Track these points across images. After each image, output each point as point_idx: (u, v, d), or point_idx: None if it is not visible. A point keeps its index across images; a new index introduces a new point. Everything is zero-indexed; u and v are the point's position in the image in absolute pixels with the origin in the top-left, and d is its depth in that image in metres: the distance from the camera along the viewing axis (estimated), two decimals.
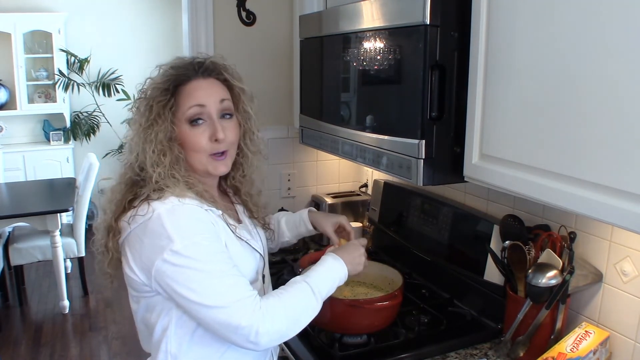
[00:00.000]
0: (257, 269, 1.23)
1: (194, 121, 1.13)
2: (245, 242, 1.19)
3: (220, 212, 1.15)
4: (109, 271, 1.16)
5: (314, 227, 1.46)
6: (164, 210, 1.05)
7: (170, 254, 1.02)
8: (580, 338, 1.24)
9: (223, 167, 1.18)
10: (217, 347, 1.13)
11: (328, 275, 1.17)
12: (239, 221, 1.26)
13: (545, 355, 1.22)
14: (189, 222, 1.06)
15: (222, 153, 1.17)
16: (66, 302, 3.76)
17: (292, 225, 1.49)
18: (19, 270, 3.95)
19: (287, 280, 1.15)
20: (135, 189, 1.12)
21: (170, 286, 1.03)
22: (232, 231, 1.15)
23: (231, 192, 1.33)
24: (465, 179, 1.24)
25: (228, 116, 1.17)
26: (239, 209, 1.31)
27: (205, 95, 1.14)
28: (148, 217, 1.04)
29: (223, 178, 1.31)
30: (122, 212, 1.11)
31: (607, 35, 0.88)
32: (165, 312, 1.10)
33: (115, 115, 5.26)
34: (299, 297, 1.10)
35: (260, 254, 1.25)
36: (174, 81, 1.13)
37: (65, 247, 3.76)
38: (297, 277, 1.15)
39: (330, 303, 1.38)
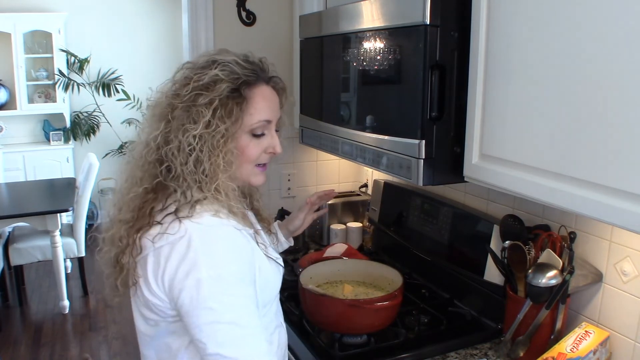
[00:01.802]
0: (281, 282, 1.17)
1: (258, 134, 1.06)
2: (275, 260, 1.12)
3: (252, 230, 1.07)
4: (120, 288, 1.04)
5: (289, 232, 1.47)
6: (196, 230, 0.95)
7: (192, 283, 0.92)
8: (580, 338, 1.24)
9: (263, 178, 1.13)
10: None
11: None
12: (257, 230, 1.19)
13: (545, 355, 1.22)
14: (220, 248, 0.96)
15: (264, 164, 1.12)
16: (66, 302, 3.76)
17: None
18: (19, 270, 3.95)
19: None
20: (160, 195, 1.02)
21: (183, 316, 0.95)
22: (263, 253, 1.06)
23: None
24: (465, 179, 1.24)
25: (277, 130, 1.12)
26: (250, 215, 1.24)
27: (272, 107, 1.08)
28: (179, 236, 0.95)
29: None
30: (144, 225, 0.99)
31: (607, 36, 0.88)
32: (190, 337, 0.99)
33: (115, 115, 5.28)
34: None
35: (284, 267, 1.18)
36: (244, 83, 1.03)
37: (65, 247, 3.76)
38: None
39: (330, 303, 1.38)
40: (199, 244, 0.94)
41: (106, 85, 5.29)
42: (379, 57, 1.35)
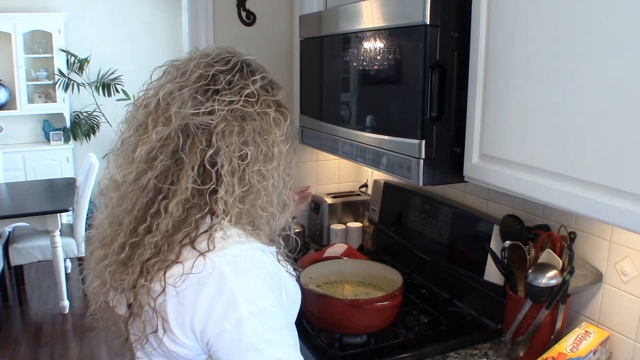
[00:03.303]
0: None
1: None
2: (293, 275, 0.99)
3: (274, 249, 0.93)
4: (145, 332, 0.87)
5: None
6: (226, 262, 0.82)
7: (233, 323, 0.80)
8: (580, 338, 1.24)
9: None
10: None
11: None
12: None
13: (545, 355, 1.22)
14: (257, 278, 0.84)
15: None
16: (66, 302, 3.76)
17: None
18: (19, 270, 3.95)
19: None
20: (183, 226, 0.85)
21: (221, 356, 0.83)
22: (286, 271, 0.94)
23: None
24: (465, 179, 1.24)
25: None
26: None
27: None
28: (206, 273, 0.81)
29: None
30: (170, 265, 0.83)
31: (607, 36, 0.88)
32: None
33: (115, 115, 5.25)
34: None
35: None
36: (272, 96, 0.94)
37: (65, 247, 3.76)
38: None
39: (330, 303, 1.38)
40: (232, 279, 0.82)
41: (106, 85, 5.29)
42: (379, 57, 1.35)
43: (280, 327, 0.86)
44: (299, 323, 1.52)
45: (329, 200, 2.27)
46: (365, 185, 2.39)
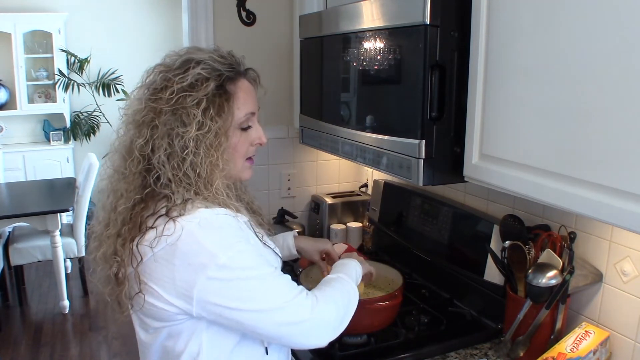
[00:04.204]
0: None
1: (246, 127, 1.07)
2: (272, 249, 1.12)
3: (247, 218, 1.07)
4: (126, 301, 1.01)
5: (299, 253, 1.42)
6: (195, 225, 0.94)
7: (216, 270, 0.93)
8: (580, 338, 1.24)
9: (252, 172, 1.15)
10: None
11: (351, 270, 1.17)
12: None
13: (545, 355, 1.22)
14: (227, 232, 0.97)
15: (251, 158, 1.13)
16: (66, 302, 3.76)
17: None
18: (19, 270, 3.95)
19: None
20: (150, 203, 1.00)
21: (218, 304, 0.95)
22: (259, 239, 1.07)
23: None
24: (465, 179, 1.24)
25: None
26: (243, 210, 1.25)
27: (254, 99, 1.09)
28: (177, 236, 0.93)
29: None
30: (139, 234, 0.97)
31: (607, 36, 0.88)
32: (195, 337, 1.01)
33: (116, 115, 5.22)
34: (341, 285, 1.10)
35: (282, 259, 1.20)
36: (226, 79, 1.03)
37: (65, 247, 3.76)
38: (329, 276, 1.14)
39: None
40: (201, 235, 0.94)
41: (106, 85, 5.30)
42: (379, 57, 1.35)
43: (258, 254, 1.00)
44: None
45: (329, 200, 2.28)
46: (365, 185, 2.39)
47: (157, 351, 1.05)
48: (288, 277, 1.04)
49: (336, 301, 1.05)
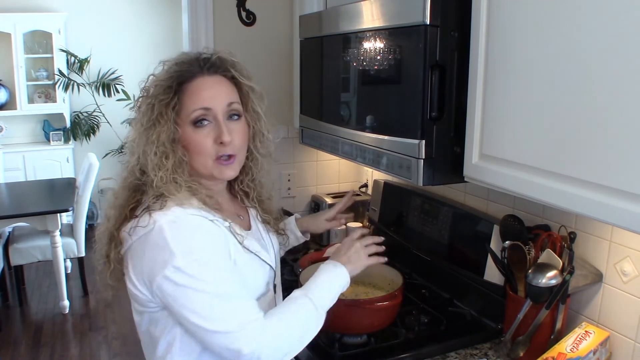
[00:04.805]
0: (267, 280, 1.17)
1: (198, 122, 1.06)
2: (255, 254, 1.12)
3: (228, 223, 1.09)
4: (111, 283, 1.10)
5: (305, 232, 1.46)
6: (166, 221, 0.98)
7: (171, 271, 0.96)
8: (580, 338, 1.24)
9: (231, 172, 1.11)
10: None
11: (329, 285, 1.12)
12: (249, 227, 1.21)
13: (545, 355, 1.22)
14: (193, 235, 1.00)
15: (229, 157, 1.09)
16: (66, 302, 3.76)
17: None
18: (19, 270, 3.95)
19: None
20: (137, 194, 1.07)
21: (170, 305, 0.99)
22: (239, 242, 1.08)
23: (241, 194, 1.26)
24: (465, 179, 1.24)
25: (236, 117, 1.10)
26: (252, 212, 1.25)
27: (212, 95, 1.07)
28: (149, 229, 0.98)
29: (231, 182, 1.23)
30: (123, 220, 1.05)
31: (607, 36, 0.88)
32: (170, 328, 1.05)
33: (115, 115, 5.27)
34: (302, 317, 1.05)
35: (271, 265, 1.19)
36: (178, 78, 1.06)
37: (65, 247, 3.76)
38: (298, 292, 1.09)
39: None
40: (169, 233, 0.98)
41: (106, 85, 5.30)
42: (379, 57, 1.35)
43: (220, 269, 1.00)
44: None
45: (329, 200, 2.27)
46: (365, 185, 2.39)
47: (144, 333, 1.12)
48: (248, 302, 1.01)
49: (288, 335, 1.03)
